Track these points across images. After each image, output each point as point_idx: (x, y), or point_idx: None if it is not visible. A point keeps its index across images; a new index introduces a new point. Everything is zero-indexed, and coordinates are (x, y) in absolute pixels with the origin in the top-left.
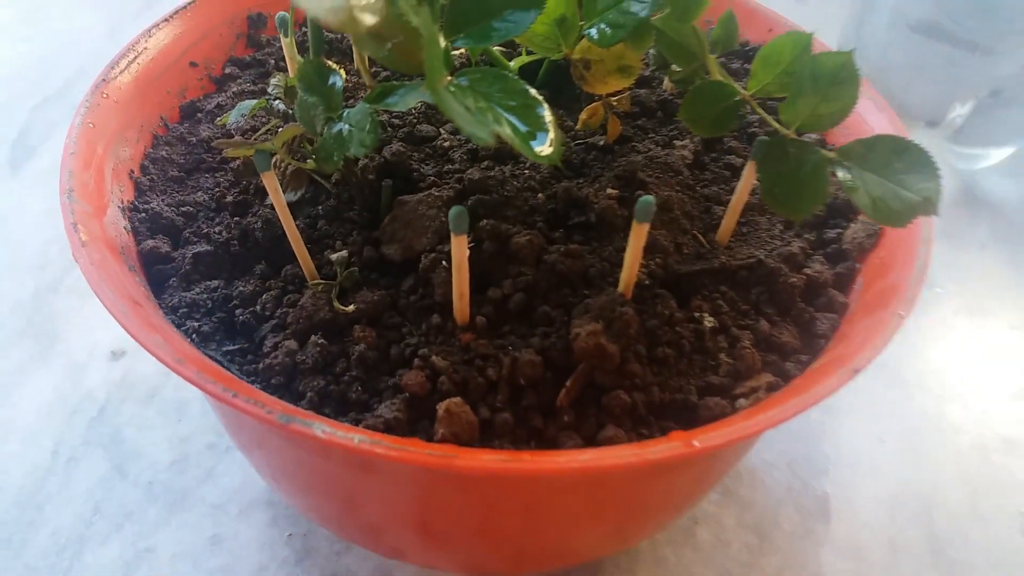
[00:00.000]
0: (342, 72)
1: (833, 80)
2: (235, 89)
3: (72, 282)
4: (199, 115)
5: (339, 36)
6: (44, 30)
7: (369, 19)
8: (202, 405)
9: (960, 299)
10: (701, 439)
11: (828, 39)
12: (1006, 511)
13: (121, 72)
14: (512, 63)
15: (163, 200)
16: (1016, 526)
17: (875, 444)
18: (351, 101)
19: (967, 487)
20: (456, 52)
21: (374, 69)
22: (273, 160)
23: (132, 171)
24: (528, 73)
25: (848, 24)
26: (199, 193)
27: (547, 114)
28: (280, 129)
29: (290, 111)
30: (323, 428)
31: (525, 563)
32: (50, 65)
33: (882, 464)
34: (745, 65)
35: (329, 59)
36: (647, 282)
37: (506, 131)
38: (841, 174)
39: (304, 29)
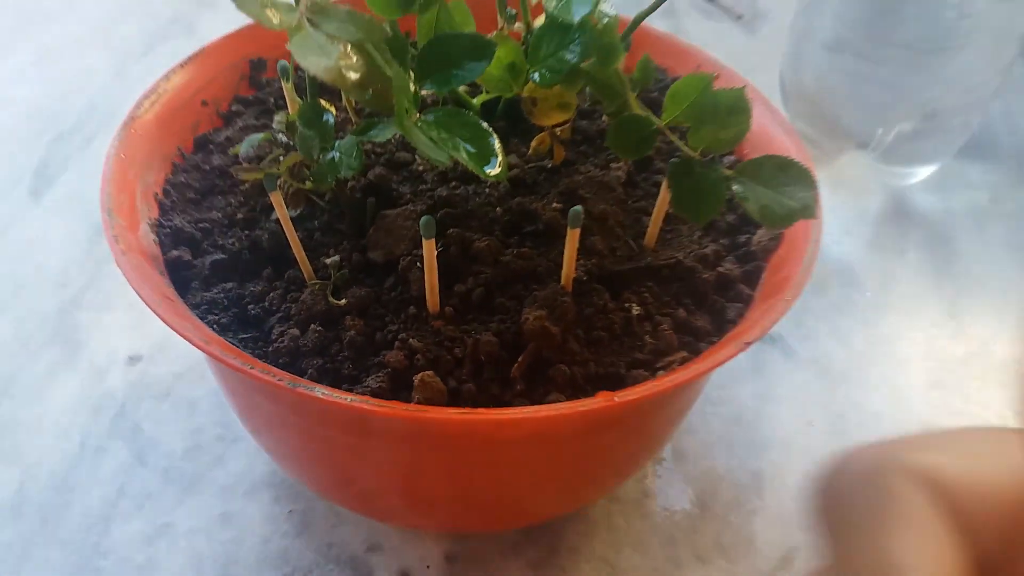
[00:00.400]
0: (333, 110)
1: (729, 111)
2: (240, 124)
3: (92, 297)
4: (211, 146)
5: None
6: (57, 70)
7: (353, 75)
8: (211, 401)
9: (886, 301)
10: (619, 395)
11: (773, 66)
12: None
13: (145, 111)
14: (475, 100)
15: (184, 218)
16: None
17: (805, 427)
18: (341, 133)
19: None
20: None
21: (359, 107)
22: (278, 182)
23: (156, 193)
24: (489, 108)
25: (788, 52)
26: (214, 212)
27: (496, 143)
28: (283, 157)
29: (291, 143)
30: (322, 391)
31: (492, 520)
32: (63, 102)
33: (810, 445)
34: None
35: (322, 99)
36: (585, 278)
37: (463, 156)
38: (736, 187)
39: (301, 73)
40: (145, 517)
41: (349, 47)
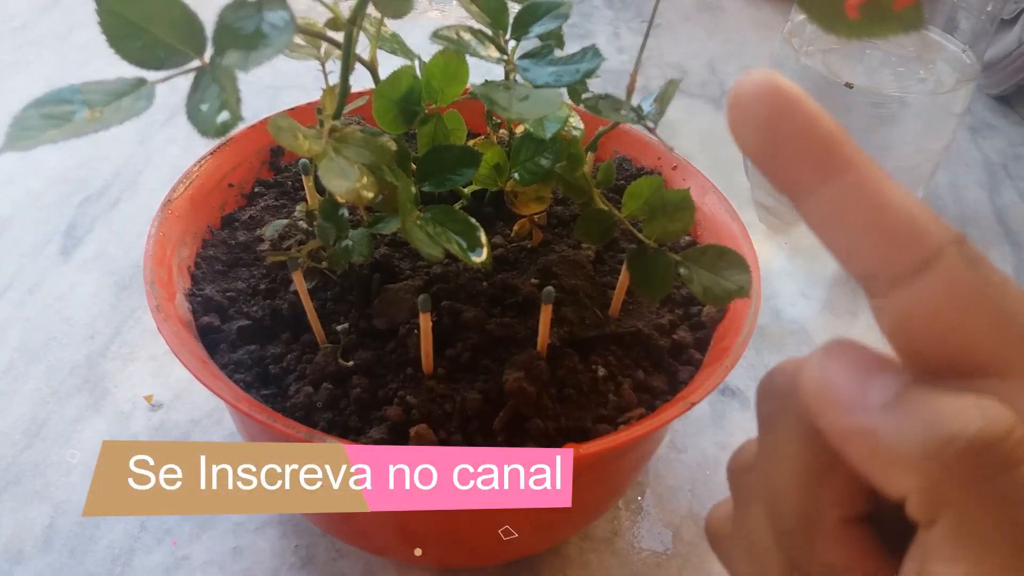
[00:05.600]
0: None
1: (676, 207)
2: (262, 204)
3: (116, 348)
4: (236, 224)
5: None
6: (84, 139)
7: (368, 195)
8: None
9: None
10: (583, 447)
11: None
12: None
13: (180, 194)
14: (467, 189)
15: (213, 287)
16: None
17: None
18: (352, 220)
19: None
20: None
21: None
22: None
23: (189, 267)
24: (478, 196)
25: None
26: (239, 282)
27: (482, 235)
28: (303, 241)
29: (310, 228)
30: (333, 442)
31: (477, 556)
32: (90, 168)
33: None
34: None
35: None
36: (558, 344)
37: (454, 247)
38: (682, 271)
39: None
40: (164, 550)
41: (364, 168)
